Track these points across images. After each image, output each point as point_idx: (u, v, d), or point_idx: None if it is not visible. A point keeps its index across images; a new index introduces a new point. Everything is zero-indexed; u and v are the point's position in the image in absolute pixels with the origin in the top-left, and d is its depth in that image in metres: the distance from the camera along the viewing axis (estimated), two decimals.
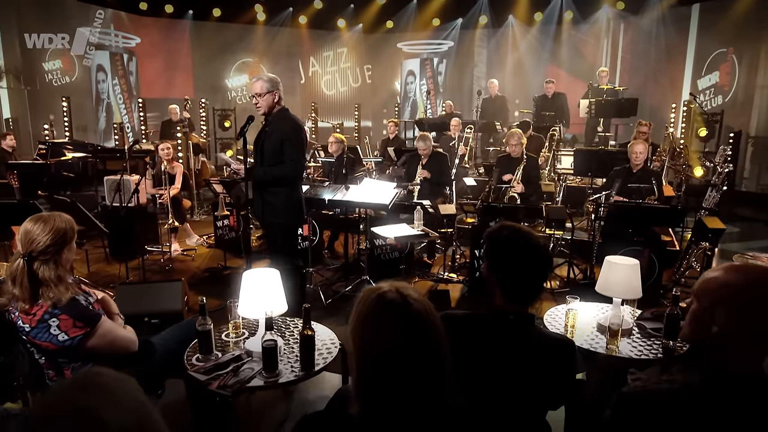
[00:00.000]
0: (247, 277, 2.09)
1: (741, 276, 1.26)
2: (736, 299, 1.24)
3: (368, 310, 1.13)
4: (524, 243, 1.72)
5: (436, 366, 1.12)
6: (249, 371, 1.97)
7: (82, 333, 2.04)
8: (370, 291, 1.17)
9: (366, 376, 1.11)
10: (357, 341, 1.13)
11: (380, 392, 1.10)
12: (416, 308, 1.11)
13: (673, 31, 10.32)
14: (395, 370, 1.09)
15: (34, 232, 1.96)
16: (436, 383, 1.12)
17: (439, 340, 1.13)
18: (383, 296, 1.13)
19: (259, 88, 3.49)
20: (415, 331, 1.10)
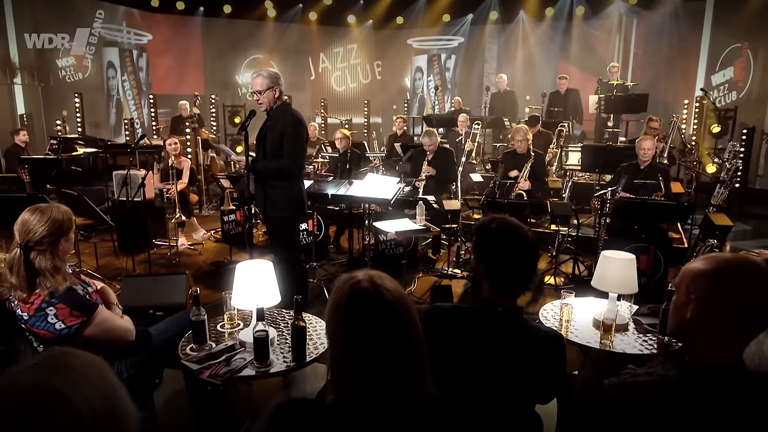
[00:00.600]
0: (240, 269, 2.11)
1: (712, 264, 1.25)
2: (706, 287, 1.23)
3: (341, 298, 1.13)
4: (511, 235, 1.72)
5: (408, 356, 1.12)
6: (241, 361, 2.00)
7: (78, 322, 2.07)
8: (344, 280, 1.17)
9: (338, 364, 1.12)
10: (330, 329, 1.14)
11: (353, 381, 1.11)
12: (387, 298, 1.11)
13: (687, 26, 10.17)
14: (366, 359, 1.09)
15: (31, 222, 2.00)
16: (409, 372, 1.12)
17: (412, 331, 1.13)
18: (356, 285, 1.13)
19: (260, 85, 3.52)
20: (386, 320, 1.10)
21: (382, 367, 1.10)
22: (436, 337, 1.83)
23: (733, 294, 1.22)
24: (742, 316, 1.23)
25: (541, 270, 5.40)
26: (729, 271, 1.25)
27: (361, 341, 1.09)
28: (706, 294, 1.25)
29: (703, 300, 1.25)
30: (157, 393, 2.91)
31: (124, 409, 0.86)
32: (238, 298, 2.12)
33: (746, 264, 1.25)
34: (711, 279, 1.26)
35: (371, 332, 1.09)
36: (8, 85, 9.48)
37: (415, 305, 1.21)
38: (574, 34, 11.42)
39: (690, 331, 1.30)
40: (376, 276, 1.16)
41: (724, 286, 1.23)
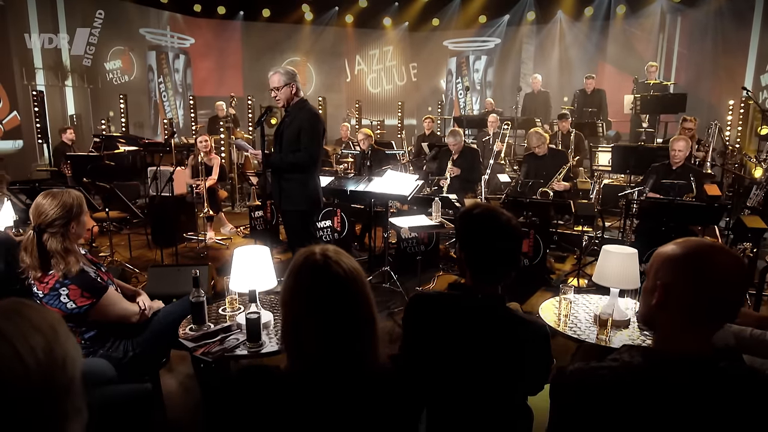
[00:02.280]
0: (237, 254, 2.19)
1: (680, 249, 1.22)
2: (672, 273, 1.20)
3: (294, 270, 1.17)
4: (492, 221, 1.71)
5: (357, 329, 1.15)
6: (234, 341, 2.07)
7: (88, 303, 2.20)
8: (301, 253, 1.21)
9: (289, 333, 1.16)
10: (282, 299, 1.18)
11: (302, 350, 1.15)
12: (336, 271, 1.14)
13: (734, 24, 9.76)
14: (315, 329, 1.13)
15: (43, 205, 2.13)
16: (357, 345, 1.15)
17: (362, 306, 1.16)
18: (308, 258, 1.17)
19: (277, 82, 3.60)
20: (335, 294, 1.13)
21: (330, 338, 1.13)
22: (418, 323, 1.86)
23: (697, 282, 1.19)
24: (707, 305, 1.19)
25: (566, 271, 5.31)
26: (695, 258, 1.21)
27: (310, 312, 1.13)
28: (671, 280, 1.23)
29: (668, 287, 1.23)
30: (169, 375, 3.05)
31: (67, 357, 0.91)
32: (235, 281, 2.19)
33: (714, 251, 1.21)
34: (677, 265, 1.23)
35: (320, 304, 1.13)
36: (60, 87, 10.03)
37: (366, 281, 1.23)
38: (613, 33, 11.15)
39: (655, 318, 1.27)
40: (331, 251, 1.20)
41: (689, 273, 1.20)
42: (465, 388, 1.77)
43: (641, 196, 4.70)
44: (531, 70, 12.05)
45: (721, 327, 1.25)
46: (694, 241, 1.24)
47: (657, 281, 1.25)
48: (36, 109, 8.19)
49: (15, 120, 9.25)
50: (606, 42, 11.23)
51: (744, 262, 1.27)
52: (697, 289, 1.19)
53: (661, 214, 4.55)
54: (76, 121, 10.02)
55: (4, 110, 9.03)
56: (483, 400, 1.78)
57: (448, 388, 1.83)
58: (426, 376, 1.86)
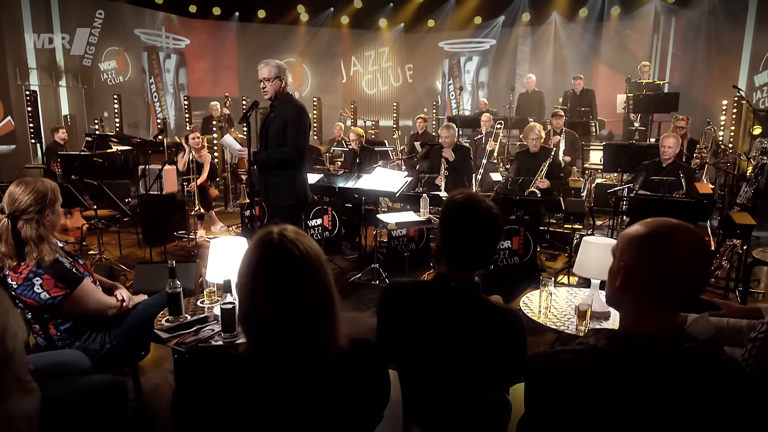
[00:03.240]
0: (213, 245, 2.17)
1: (644, 229, 1.20)
2: (635, 255, 1.19)
3: (249, 248, 1.16)
4: (471, 207, 1.70)
5: (312, 311, 1.13)
6: (209, 331, 2.05)
7: (62, 294, 2.18)
8: (259, 232, 1.20)
9: (244, 313, 1.14)
10: (237, 278, 1.16)
11: (256, 330, 1.13)
12: (290, 250, 1.12)
13: (727, 25, 9.78)
14: (269, 309, 1.11)
15: (16, 192, 2.12)
16: (312, 327, 1.13)
17: (317, 287, 1.14)
18: (265, 236, 1.15)
19: (267, 73, 3.59)
20: (290, 274, 1.12)
21: (285, 319, 1.11)
22: (392, 311, 1.85)
23: (659, 264, 1.18)
24: (670, 285, 1.18)
25: (556, 269, 5.30)
26: (658, 239, 1.20)
27: (265, 292, 1.11)
28: (634, 262, 1.21)
29: (631, 269, 1.21)
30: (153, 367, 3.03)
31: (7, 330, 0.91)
32: (212, 272, 2.18)
33: (677, 231, 1.19)
34: (640, 247, 1.21)
35: (274, 284, 1.11)
36: (54, 88, 10.02)
37: (328, 265, 1.21)
38: (607, 34, 11.17)
39: (620, 300, 1.26)
40: (290, 231, 1.18)
41: (652, 255, 1.19)
42: (438, 376, 1.75)
43: (631, 193, 4.69)
44: (526, 70, 12.05)
45: (684, 309, 1.24)
46: (657, 222, 1.22)
47: (621, 263, 1.24)
48: (29, 110, 8.18)
49: (9, 126, 9.24)
50: (600, 42, 11.26)
51: (706, 242, 1.26)
52: (660, 270, 1.17)
53: (650, 211, 4.54)
54: (70, 121, 10.01)
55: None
56: (456, 388, 1.76)
57: (422, 375, 1.81)
58: (400, 364, 1.85)
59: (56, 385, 1.84)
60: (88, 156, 5.79)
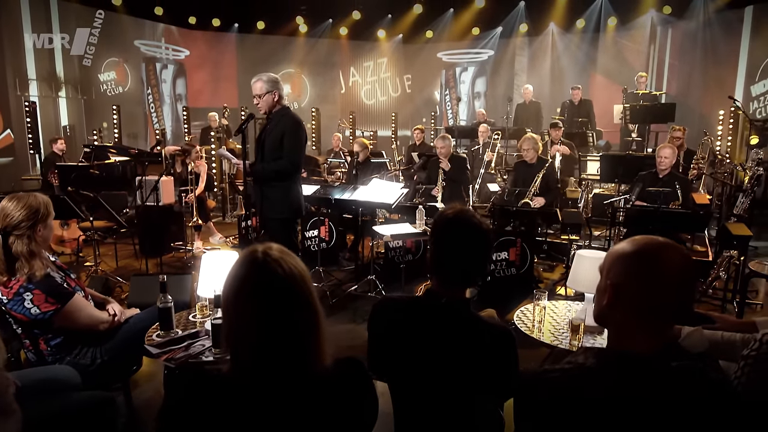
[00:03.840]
0: (205, 260, 2.17)
1: (630, 248, 1.20)
2: (622, 273, 1.19)
3: (234, 266, 1.15)
4: (463, 222, 1.69)
5: (295, 329, 1.12)
6: (200, 347, 2.04)
7: (53, 309, 2.16)
8: (244, 250, 1.19)
9: (228, 331, 1.14)
10: (222, 296, 1.15)
11: (241, 349, 1.12)
12: (274, 269, 1.12)
13: (723, 35, 9.84)
14: (252, 328, 1.10)
15: (8, 207, 2.12)
16: (297, 346, 1.12)
17: (300, 305, 1.13)
18: (248, 255, 1.15)
19: (259, 89, 3.61)
20: (274, 292, 1.11)
21: (268, 339, 1.10)
22: (382, 327, 1.84)
23: (646, 282, 1.18)
24: (657, 304, 1.18)
25: (554, 280, 5.28)
26: (645, 257, 1.20)
27: (248, 311, 1.10)
28: (621, 281, 1.21)
29: (617, 287, 1.21)
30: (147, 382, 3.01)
31: None
32: (203, 287, 2.17)
33: (663, 250, 1.19)
34: (626, 265, 1.21)
35: (257, 303, 1.10)
36: (53, 98, 10.05)
37: (311, 282, 1.21)
38: (604, 44, 11.23)
39: (607, 318, 1.26)
40: (275, 250, 1.17)
41: (638, 273, 1.19)
42: (429, 393, 1.74)
43: (628, 204, 4.69)
44: (524, 81, 12.10)
45: (671, 326, 1.23)
46: (644, 240, 1.22)
47: (608, 281, 1.24)
48: (28, 120, 8.20)
49: (8, 138, 9.25)
50: (597, 53, 11.32)
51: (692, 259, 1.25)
52: (646, 289, 1.17)
53: (647, 222, 4.54)
54: (69, 132, 10.03)
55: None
56: (448, 404, 1.75)
57: (413, 392, 1.80)
58: (391, 379, 1.84)
59: (45, 402, 1.82)
60: (85, 167, 5.80)
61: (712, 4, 9.83)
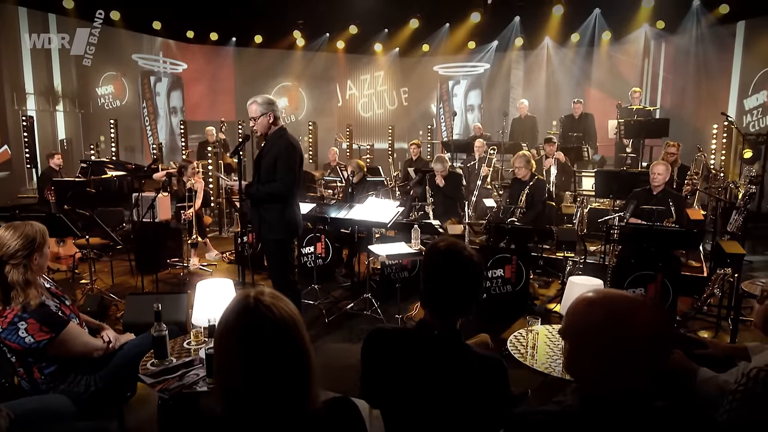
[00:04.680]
0: (200, 288, 2.18)
1: (603, 311, 1.20)
2: (604, 339, 1.18)
3: (226, 310, 1.17)
4: (454, 255, 1.71)
5: (284, 372, 1.14)
6: (194, 376, 2.04)
7: (47, 338, 2.17)
8: (237, 294, 1.21)
9: (219, 372, 1.15)
10: (214, 338, 1.17)
11: (231, 391, 1.13)
12: (265, 314, 1.13)
13: (716, 50, 9.95)
14: (241, 370, 1.12)
15: (4, 237, 2.13)
16: (288, 388, 1.14)
17: (291, 349, 1.15)
18: (241, 300, 1.17)
19: (254, 112, 3.63)
20: (262, 336, 1.13)
21: (258, 381, 1.12)
22: (375, 358, 1.85)
23: (618, 348, 1.17)
24: (630, 365, 1.17)
25: (549, 297, 5.30)
26: (615, 323, 1.18)
27: (238, 354, 1.12)
28: (592, 348, 1.20)
29: (586, 351, 1.21)
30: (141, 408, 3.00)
31: None
32: (198, 315, 2.18)
33: (633, 312, 1.18)
34: (596, 333, 1.20)
35: (248, 347, 1.12)
36: (51, 113, 10.08)
37: (303, 326, 1.22)
38: (599, 58, 11.34)
39: (578, 377, 1.27)
40: (267, 294, 1.19)
41: (610, 341, 1.18)
42: (422, 422, 1.75)
43: (622, 221, 4.72)
44: (520, 94, 12.20)
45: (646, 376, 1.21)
46: (611, 304, 1.21)
47: (577, 345, 1.23)
48: (25, 135, 8.21)
49: (5, 154, 9.26)
50: (592, 67, 11.43)
51: (665, 316, 1.25)
52: (626, 347, 1.17)
53: (641, 239, 4.57)
54: (66, 145, 10.04)
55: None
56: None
57: (406, 421, 1.81)
58: (385, 408, 1.85)
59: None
60: (81, 183, 5.81)
61: (705, 19, 9.95)
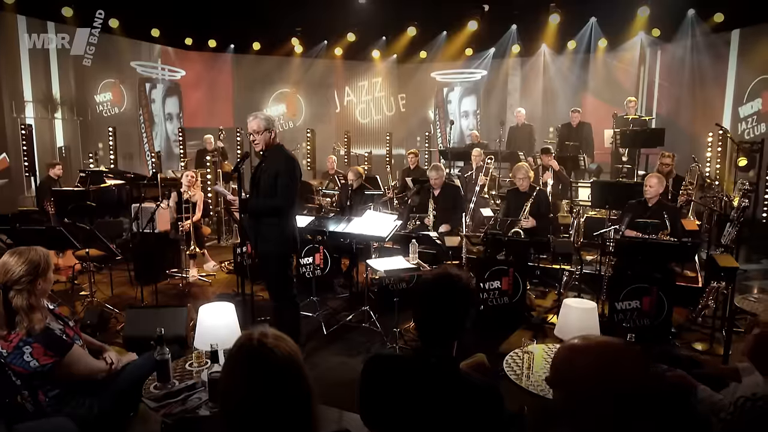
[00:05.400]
0: (202, 312, 2.22)
1: (589, 360, 1.23)
2: (593, 387, 1.22)
3: (231, 352, 1.21)
4: (446, 287, 1.76)
5: (288, 411, 1.18)
6: (196, 400, 2.08)
7: (51, 362, 2.21)
8: (240, 336, 1.25)
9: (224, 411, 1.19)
10: (220, 379, 1.21)
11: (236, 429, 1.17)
12: (266, 354, 1.17)
13: (711, 58, 10.03)
14: (246, 410, 1.16)
15: (9, 263, 2.17)
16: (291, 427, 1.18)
17: (293, 388, 1.19)
18: (245, 341, 1.21)
19: (257, 126, 3.67)
20: (265, 378, 1.17)
21: (261, 420, 1.16)
22: (373, 386, 1.89)
23: (605, 397, 1.21)
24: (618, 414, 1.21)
25: (546, 308, 5.34)
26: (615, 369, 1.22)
27: (243, 394, 1.16)
28: (600, 397, 1.22)
29: (598, 403, 1.24)
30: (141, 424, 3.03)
31: None
32: (200, 339, 2.22)
33: (620, 363, 1.22)
34: (601, 381, 1.22)
35: (252, 387, 1.16)
36: (49, 120, 10.10)
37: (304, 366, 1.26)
38: (596, 66, 11.42)
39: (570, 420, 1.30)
40: (270, 336, 1.23)
41: (599, 391, 1.21)
42: None
43: (617, 234, 4.77)
44: (517, 100, 12.28)
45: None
46: (593, 348, 1.25)
47: (566, 394, 1.28)
48: (24, 143, 8.24)
49: (4, 162, 9.28)
50: (588, 74, 11.51)
51: (645, 361, 1.29)
52: (606, 401, 1.20)
53: (636, 252, 4.63)
54: (65, 153, 10.06)
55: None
56: None
57: None
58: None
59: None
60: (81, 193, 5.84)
61: (700, 28, 10.03)
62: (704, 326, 4.76)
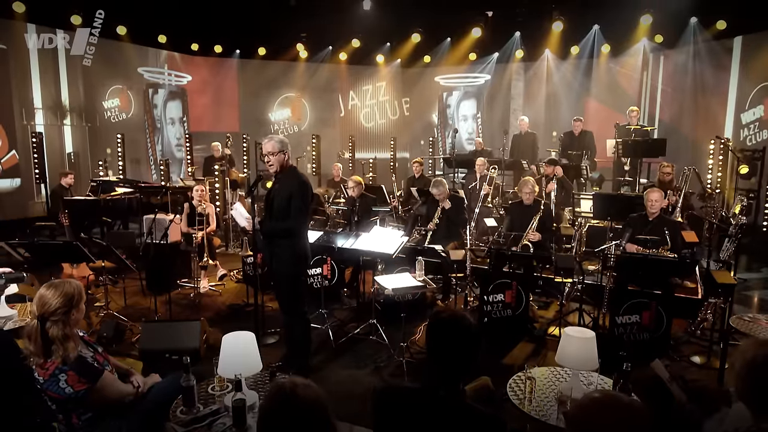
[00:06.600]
0: (225, 341, 2.36)
1: (606, 414, 1.39)
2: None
3: (264, 401, 1.36)
4: (454, 327, 1.91)
5: None
6: (221, 426, 2.23)
7: (84, 388, 2.36)
8: (272, 385, 1.39)
9: None
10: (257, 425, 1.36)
11: None
12: (297, 403, 1.32)
13: (713, 65, 10.12)
14: None
15: (46, 296, 2.32)
16: None
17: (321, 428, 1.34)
18: (277, 391, 1.35)
19: (271, 148, 3.80)
20: (295, 425, 1.31)
21: None
22: (387, 416, 2.03)
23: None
24: None
25: (549, 319, 5.47)
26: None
27: None
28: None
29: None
30: None
31: None
32: (223, 367, 2.36)
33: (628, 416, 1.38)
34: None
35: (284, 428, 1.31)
36: (59, 127, 10.25)
37: (331, 411, 1.40)
38: (599, 72, 11.52)
39: None
40: (299, 386, 1.37)
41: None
42: None
43: (618, 249, 4.89)
44: (520, 105, 12.40)
45: None
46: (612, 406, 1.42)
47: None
48: (35, 149, 8.40)
49: (13, 159, 9.43)
50: (591, 80, 11.61)
51: (644, 413, 1.45)
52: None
53: (637, 268, 4.75)
54: (74, 159, 10.21)
55: (3, 149, 9.20)
56: None
57: None
58: None
59: None
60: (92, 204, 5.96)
61: (702, 35, 10.12)
62: (702, 339, 4.88)
